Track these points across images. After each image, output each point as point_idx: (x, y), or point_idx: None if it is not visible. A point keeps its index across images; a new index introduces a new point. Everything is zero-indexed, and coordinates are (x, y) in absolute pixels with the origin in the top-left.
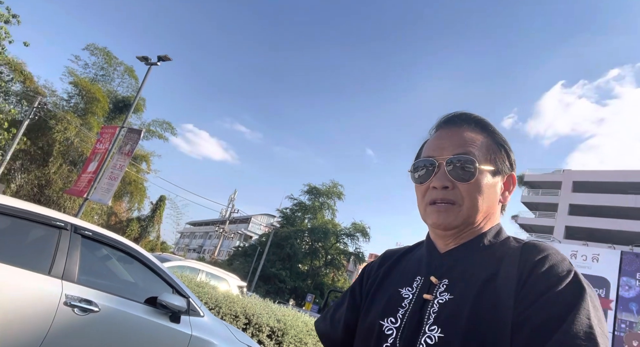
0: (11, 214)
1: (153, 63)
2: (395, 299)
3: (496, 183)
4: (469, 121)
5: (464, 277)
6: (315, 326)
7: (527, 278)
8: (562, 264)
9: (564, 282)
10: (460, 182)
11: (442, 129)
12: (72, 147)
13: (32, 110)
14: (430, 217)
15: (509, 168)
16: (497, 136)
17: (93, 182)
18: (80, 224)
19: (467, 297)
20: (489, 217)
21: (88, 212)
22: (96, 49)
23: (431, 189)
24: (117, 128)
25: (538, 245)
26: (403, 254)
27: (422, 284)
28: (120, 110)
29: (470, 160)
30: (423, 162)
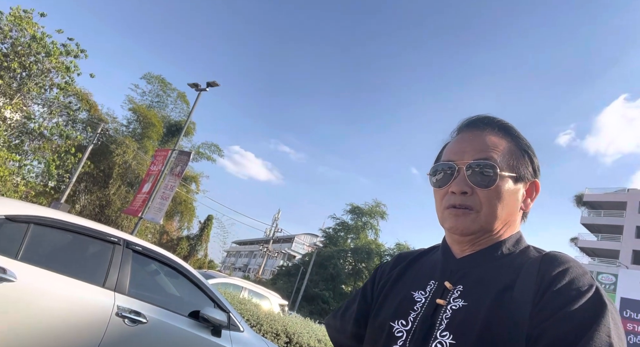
0: (72, 230)
1: (202, 89)
2: (408, 302)
3: (518, 190)
4: (492, 125)
5: (479, 285)
6: (325, 323)
7: (546, 290)
8: (583, 278)
9: (584, 297)
10: (480, 188)
11: (463, 132)
12: (129, 169)
13: (95, 136)
14: (448, 221)
15: (532, 175)
16: (521, 141)
17: (147, 202)
18: (132, 240)
19: (481, 305)
20: (508, 224)
21: (142, 231)
22: (152, 77)
23: (450, 194)
24: (169, 151)
25: (559, 256)
26: (417, 257)
27: (436, 289)
28: (173, 133)
29: (491, 165)
30: (442, 166)
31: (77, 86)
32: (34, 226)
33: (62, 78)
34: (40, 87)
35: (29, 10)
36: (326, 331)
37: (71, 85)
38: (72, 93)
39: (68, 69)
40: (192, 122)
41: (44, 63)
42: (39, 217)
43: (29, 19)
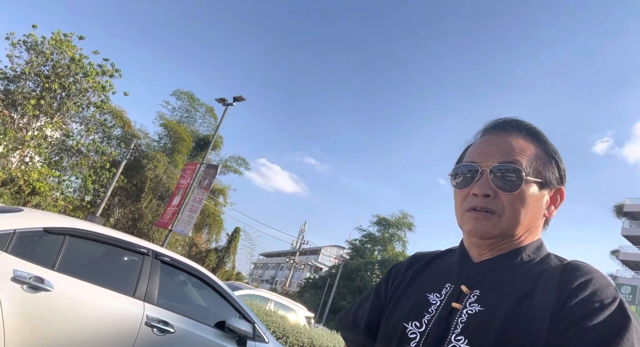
0: (105, 241)
1: (229, 104)
2: (422, 304)
3: (542, 196)
4: (519, 128)
5: (497, 290)
6: (337, 320)
7: (567, 300)
8: (606, 290)
9: (608, 310)
10: (503, 192)
11: (489, 134)
12: (160, 183)
13: (129, 152)
14: (468, 224)
15: (558, 181)
16: (549, 147)
17: (176, 215)
18: (160, 251)
19: (498, 311)
20: (530, 231)
21: (172, 243)
22: (181, 93)
23: (471, 196)
24: (198, 164)
25: (582, 266)
26: (433, 259)
27: (452, 292)
28: (202, 147)
29: (516, 169)
30: (466, 167)
31: (112, 104)
32: (70, 237)
33: (98, 97)
34: (79, 106)
35: (69, 34)
36: (338, 328)
37: (106, 104)
38: (108, 111)
39: (104, 88)
40: (220, 136)
41: (81, 83)
42: (74, 229)
43: (69, 42)
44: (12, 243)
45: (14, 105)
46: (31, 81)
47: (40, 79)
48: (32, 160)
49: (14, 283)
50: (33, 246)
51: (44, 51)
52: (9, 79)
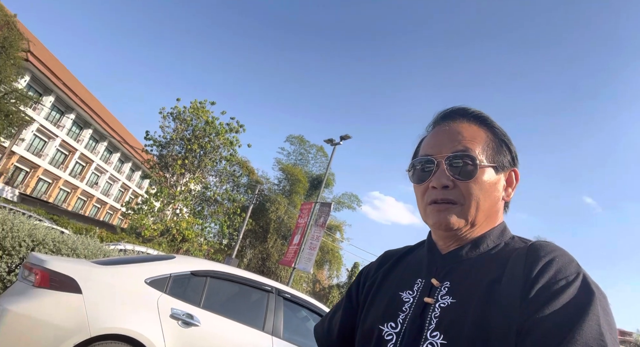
0: (236, 280)
1: (337, 143)
2: (396, 303)
3: (498, 180)
4: (466, 116)
5: (466, 280)
6: (313, 331)
7: (534, 282)
8: (569, 267)
9: (572, 286)
10: (461, 181)
11: (439, 125)
12: (282, 223)
13: (254, 197)
14: (431, 217)
15: (511, 163)
16: (497, 130)
17: (298, 253)
18: (282, 288)
19: (470, 300)
20: (492, 216)
21: (297, 280)
22: (294, 138)
23: (431, 189)
24: (313, 203)
25: (545, 246)
26: (403, 255)
27: (423, 287)
28: (316, 187)
29: (470, 157)
30: (421, 161)
31: (239, 156)
32: (210, 278)
33: (227, 151)
34: (213, 161)
35: (203, 102)
36: (315, 339)
37: (235, 156)
38: (236, 162)
39: (232, 143)
40: (332, 174)
41: (215, 141)
42: (213, 271)
43: (203, 108)
44: (169, 285)
45: (166, 167)
46: (177, 145)
47: (184, 142)
48: (181, 212)
49: (172, 319)
50: (184, 287)
51: (186, 119)
52: (162, 145)
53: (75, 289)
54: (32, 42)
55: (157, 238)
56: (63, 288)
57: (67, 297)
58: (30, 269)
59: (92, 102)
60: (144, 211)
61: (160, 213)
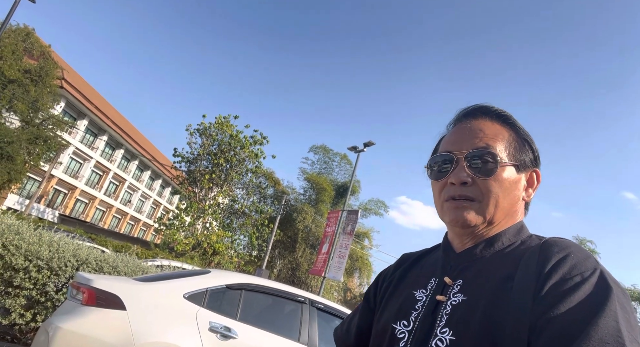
0: (270, 292)
1: (360, 150)
2: (409, 302)
3: (519, 179)
4: (489, 114)
5: (479, 278)
6: (333, 332)
7: (547, 278)
8: (586, 262)
9: (588, 282)
10: (480, 178)
11: (460, 122)
12: (310, 233)
13: (281, 208)
14: (448, 214)
15: (533, 163)
16: (520, 130)
17: (327, 262)
18: (315, 298)
19: (481, 298)
20: (510, 215)
21: (328, 289)
22: (317, 147)
23: (449, 185)
24: (339, 212)
25: (559, 242)
26: (420, 257)
27: (436, 286)
28: (342, 194)
29: (490, 154)
30: (440, 157)
31: (264, 168)
32: (245, 291)
33: (253, 163)
34: (239, 174)
35: (227, 116)
36: (334, 341)
37: (260, 168)
38: (261, 174)
39: (257, 156)
40: (357, 181)
41: (240, 154)
42: (247, 284)
43: (228, 123)
44: (206, 299)
45: (194, 182)
46: (204, 160)
47: (211, 157)
48: (211, 225)
49: (211, 332)
50: (220, 300)
51: (211, 134)
52: (190, 161)
53: (119, 306)
54: (65, 70)
55: (189, 252)
56: (109, 305)
57: (112, 314)
58: (77, 288)
59: (123, 123)
60: (176, 226)
61: (191, 228)
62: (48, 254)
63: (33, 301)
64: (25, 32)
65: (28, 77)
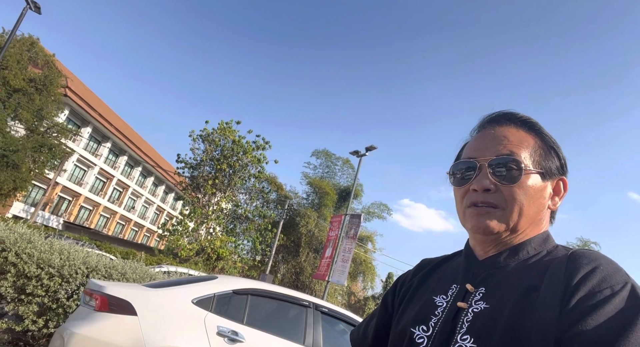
0: (275, 297)
1: (362, 154)
2: (429, 307)
3: (544, 187)
4: (514, 120)
5: (502, 286)
6: (350, 335)
7: (575, 290)
8: (616, 276)
9: (618, 296)
10: (504, 185)
11: (485, 129)
12: (313, 237)
13: (284, 212)
14: (470, 220)
15: (559, 171)
16: (546, 137)
17: (330, 266)
18: (319, 302)
19: (504, 306)
20: (535, 223)
21: (332, 293)
22: (319, 152)
23: (471, 192)
24: (342, 216)
25: (587, 254)
26: (440, 263)
27: (458, 292)
28: (344, 198)
29: (515, 161)
30: (463, 163)
31: (266, 173)
32: (251, 296)
33: (255, 168)
34: (242, 179)
35: (230, 122)
36: (351, 343)
37: (263, 173)
38: (264, 179)
39: (259, 161)
40: (360, 185)
41: (242, 160)
42: (253, 289)
43: (230, 128)
44: (213, 304)
45: (198, 188)
46: (207, 166)
47: (214, 162)
48: (215, 231)
49: (218, 337)
50: (227, 305)
51: (214, 140)
52: (193, 167)
53: (131, 311)
54: (69, 78)
55: (193, 258)
56: (121, 311)
57: (124, 319)
58: (90, 294)
59: (126, 129)
60: (179, 231)
61: (194, 233)
62: (59, 261)
63: (45, 308)
64: (30, 41)
65: (33, 86)
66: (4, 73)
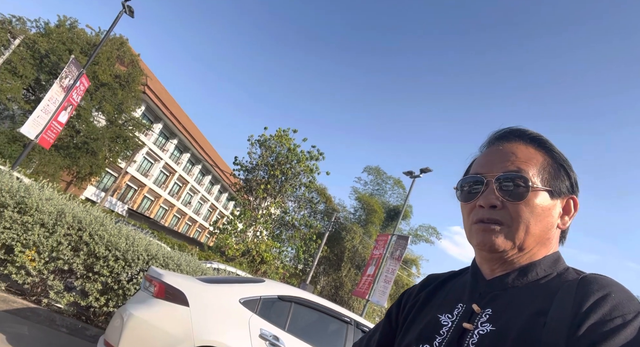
0: (318, 308)
1: (416, 176)
2: (434, 325)
3: (553, 206)
4: (523, 137)
5: (510, 309)
6: None
7: (585, 318)
8: (629, 304)
9: (630, 326)
10: (510, 202)
11: (493, 145)
12: (357, 253)
13: (330, 224)
14: (476, 237)
15: (569, 190)
16: (557, 155)
17: (372, 285)
18: (360, 321)
19: (510, 330)
20: (543, 243)
21: (370, 313)
22: (371, 169)
23: (478, 208)
24: (389, 236)
25: (599, 279)
26: (447, 279)
27: (463, 312)
28: (392, 218)
29: (522, 178)
30: (470, 179)
31: (317, 183)
32: (295, 304)
33: (307, 178)
34: (293, 187)
35: (287, 130)
36: None
37: (313, 183)
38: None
39: (312, 171)
40: (409, 206)
41: (295, 168)
42: (298, 297)
43: (287, 136)
44: (259, 307)
45: (250, 191)
46: (262, 170)
47: (268, 168)
48: (262, 234)
49: (261, 339)
50: (271, 309)
51: (271, 146)
52: (248, 170)
53: (184, 302)
54: (149, 76)
55: (239, 258)
56: (175, 300)
57: (177, 309)
58: (150, 280)
59: (192, 128)
60: (229, 231)
61: (242, 234)
62: (125, 246)
63: (107, 287)
64: (120, 41)
65: (117, 82)
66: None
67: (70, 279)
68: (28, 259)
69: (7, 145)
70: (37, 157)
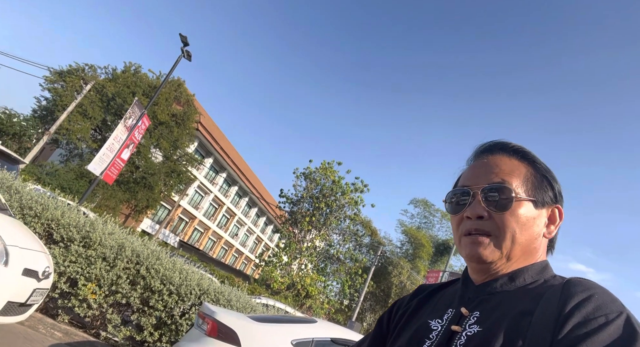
0: None
1: None
2: (424, 331)
3: (538, 215)
4: (506, 150)
5: (497, 311)
6: None
7: (569, 317)
8: (611, 305)
9: (613, 325)
10: (496, 212)
11: (479, 158)
12: (405, 289)
13: (377, 258)
14: (465, 249)
15: (553, 199)
16: (539, 166)
17: None
18: None
19: (497, 330)
20: (530, 252)
21: None
22: (418, 201)
23: (465, 220)
24: (440, 272)
25: (583, 282)
26: (438, 288)
27: (453, 316)
28: (441, 253)
29: (506, 189)
30: (457, 191)
31: (362, 216)
32: None
33: (352, 210)
34: (338, 219)
35: (331, 162)
36: None
37: (358, 216)
38: (359, 222)
39: (356, 203)
40: None
41: (340, 200)
42: (350, 340)
43: (331, 168)
44: None
45: (295, 223)
46: (307, 203)
47: (313, 200)
48: (306, 267)
49: None
50: None
51: (315, 178)
52: (294, 202)
53: (236, 341)
54: (202, 114)
55: (284, 291)
56: (227, 339)
57: None
58: (203, 318)
59: (240, 162)
60: (274, 263)
61: (287, 267)
62: (178, 280)
63: (161, 322)
64: (177, 83)
65: (174, 120)
66: (155, 108)
67: (127, 313)
68: (89, 292)
69: (75, 181)
70: (101, 192)
